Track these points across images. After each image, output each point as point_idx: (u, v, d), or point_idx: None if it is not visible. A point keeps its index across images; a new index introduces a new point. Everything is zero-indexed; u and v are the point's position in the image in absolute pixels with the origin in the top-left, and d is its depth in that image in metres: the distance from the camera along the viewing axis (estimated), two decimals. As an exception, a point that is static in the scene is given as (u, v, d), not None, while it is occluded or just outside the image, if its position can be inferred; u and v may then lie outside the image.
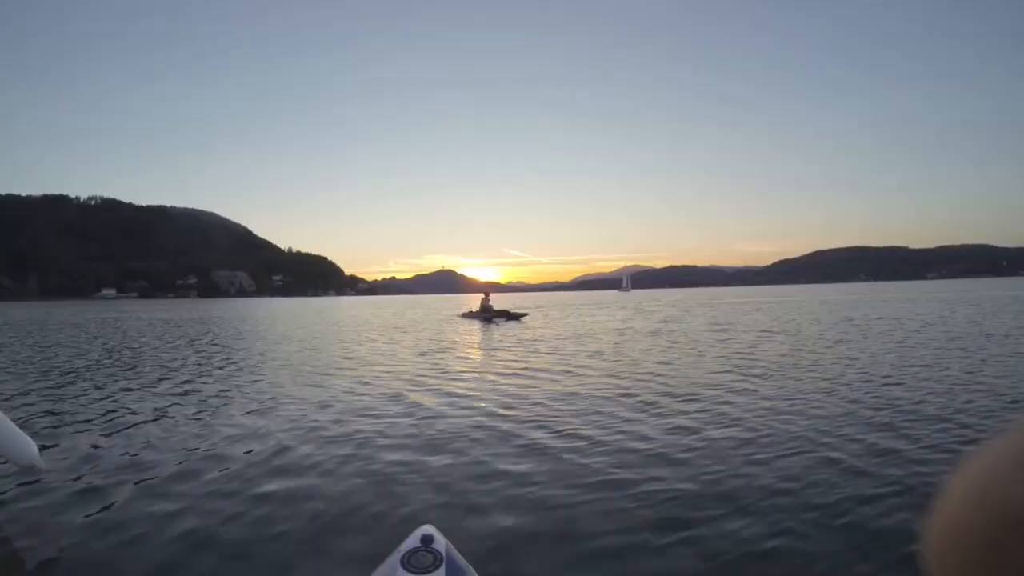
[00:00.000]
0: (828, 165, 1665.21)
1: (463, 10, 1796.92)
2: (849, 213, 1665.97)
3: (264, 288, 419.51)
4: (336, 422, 7.26)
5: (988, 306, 28.99)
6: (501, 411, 7.68)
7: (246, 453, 5.98)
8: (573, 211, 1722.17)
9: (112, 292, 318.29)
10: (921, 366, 10.37)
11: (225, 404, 8.62)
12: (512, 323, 29.43)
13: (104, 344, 19.31)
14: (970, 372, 9.70)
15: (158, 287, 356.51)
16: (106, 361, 14.19)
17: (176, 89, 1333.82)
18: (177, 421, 7.51)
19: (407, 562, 1.97)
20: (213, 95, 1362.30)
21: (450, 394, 9.08)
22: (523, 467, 5.30)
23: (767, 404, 7.79)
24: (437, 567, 1.96)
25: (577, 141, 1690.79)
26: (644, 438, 6.21)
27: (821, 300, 48.58)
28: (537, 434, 6.42)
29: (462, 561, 2.05)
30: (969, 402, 7.46)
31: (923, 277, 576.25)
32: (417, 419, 7.31)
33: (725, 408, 7.60)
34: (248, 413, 7.94)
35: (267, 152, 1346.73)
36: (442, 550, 2.04)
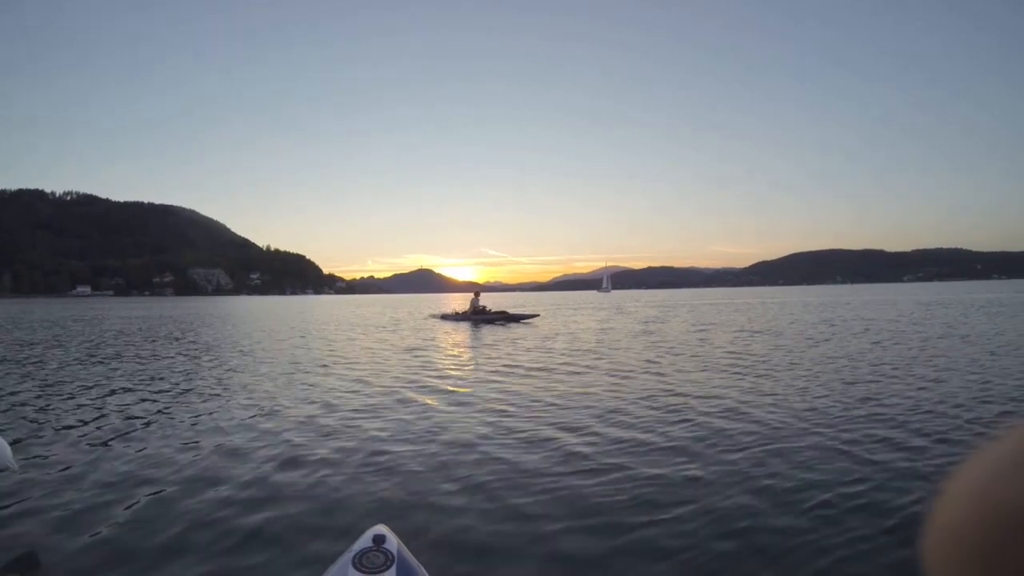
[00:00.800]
0: (806, 168, 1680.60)
1: (444, 8, 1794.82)
2: (826, 216, 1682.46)
3: (241, 286, 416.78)
4: (308, 424, 7.16)
5: (962, 308, 29.51)
6: (482, 414, 7.58)
7: (215, 450, 5.96)
8: (552, 211, 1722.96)
9: (87, 290, 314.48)
10: (894, 364, 10.51)
11: (203, 403, 8.52)
12: (508, 325, 25.40)
13: (81, 343, 19.02)
14: (947, 369, 9.89)
15: (134, 285, 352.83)
16: (83, 360, 13.99)
17: (155, 85, 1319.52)
18: (154, 421, 7.41)
19: (358, 562, 1.96)
20: (192, 91, 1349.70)
21: (433, 396, 8.98)
22: (493, 469, 5.24)
23: (751, 398, 7.86)
24: (388, 567, 1.95)
25: (557, 141, 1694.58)
26: (635, 439, 6.18)
27: (801, 301, 49.03)
28: (508, 438, 6.30)
29: (414, 561, 2.03)
30: (941, 401, 7.58)
31: (899, 280, 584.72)
32: (392, 421, 7.22)
33: (715, 404, 7.62)
34: (225, 413, 7.85)
35: (246, 149, 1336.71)
36: (394, 550, 2.03)
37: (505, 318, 26.97)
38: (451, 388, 9.49)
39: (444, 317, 30.66)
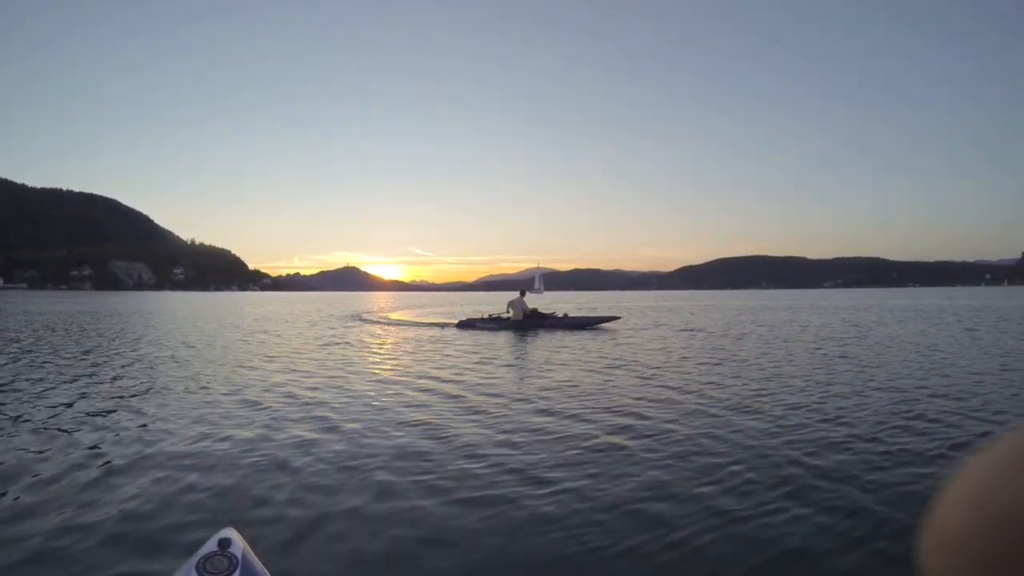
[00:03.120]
0: (731, 175, 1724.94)
1: (371, 1, 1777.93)
2: (751, 223, 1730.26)
3: (164, 281, 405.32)
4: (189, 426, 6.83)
5: (871, 312, 30.87)
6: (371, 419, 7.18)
7: (92, 455, 5.68)
8: (479, 211, 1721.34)
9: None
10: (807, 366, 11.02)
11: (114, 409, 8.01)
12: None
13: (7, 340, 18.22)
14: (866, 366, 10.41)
15: (50, 278, 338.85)
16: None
17: (77, 67, 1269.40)
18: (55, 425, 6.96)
19: (202, 567, 1.92)
20: (114, 75, 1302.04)
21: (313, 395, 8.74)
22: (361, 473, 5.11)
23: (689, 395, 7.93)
24: (232, 571, 1.92)
25: (485, 141, 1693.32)
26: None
27: (732, 305, 50.07)
28: (385, 440, 6.13)
29: (258, 565, 2.01)
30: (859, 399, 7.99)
31: (819, 285, 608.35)
32: (278, 426, 6.84)
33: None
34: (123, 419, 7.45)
35: (171, 138, 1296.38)
36: (239, 554, 1.99)
37: (572, 323, 21.43)
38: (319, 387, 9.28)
39: (465, 324, 22.43)
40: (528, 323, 21.06)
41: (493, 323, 21.44)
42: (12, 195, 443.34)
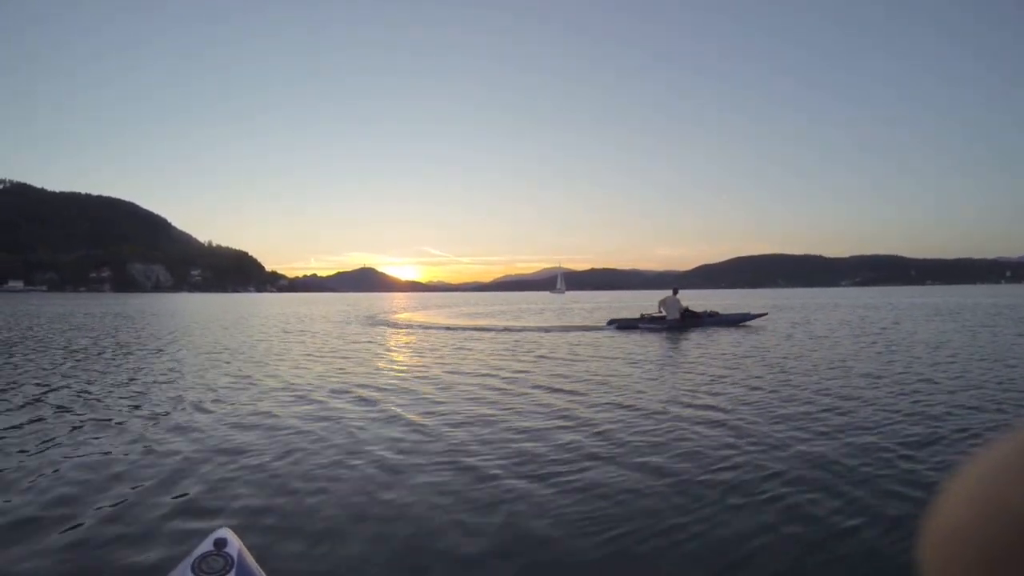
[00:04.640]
0: (747, 172, 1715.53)
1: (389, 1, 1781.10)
2: (767, 221, 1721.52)
3: (182, 283, 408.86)
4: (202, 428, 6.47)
5: (891, 311, 30.34)
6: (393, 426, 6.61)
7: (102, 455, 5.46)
8: (494, 211, 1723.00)
9: (20, 284, 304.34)
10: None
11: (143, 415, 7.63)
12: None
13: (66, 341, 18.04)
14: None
15: (69, 280, 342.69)
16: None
17: (97, 73, 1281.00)
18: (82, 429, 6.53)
19: (197, 567, 1.93)
20: (134, 80, 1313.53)
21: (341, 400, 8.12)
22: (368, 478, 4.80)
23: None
24: (227, 571, 1.93)
25: (496, 141, 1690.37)
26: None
27: (769, 304, 49.34)
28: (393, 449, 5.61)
29: (254, 565, 2.01)
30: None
31: (837, 284, 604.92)
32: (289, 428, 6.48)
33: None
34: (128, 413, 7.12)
35: (189, 141, 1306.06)
36: (234, 554, 2.00)
37: (725, 321, 21.79)
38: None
39: (623, 325, 21.45)
40: (686, 322, 21.08)
41: (654, 323, 21.06)
42: (31, 198, 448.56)
